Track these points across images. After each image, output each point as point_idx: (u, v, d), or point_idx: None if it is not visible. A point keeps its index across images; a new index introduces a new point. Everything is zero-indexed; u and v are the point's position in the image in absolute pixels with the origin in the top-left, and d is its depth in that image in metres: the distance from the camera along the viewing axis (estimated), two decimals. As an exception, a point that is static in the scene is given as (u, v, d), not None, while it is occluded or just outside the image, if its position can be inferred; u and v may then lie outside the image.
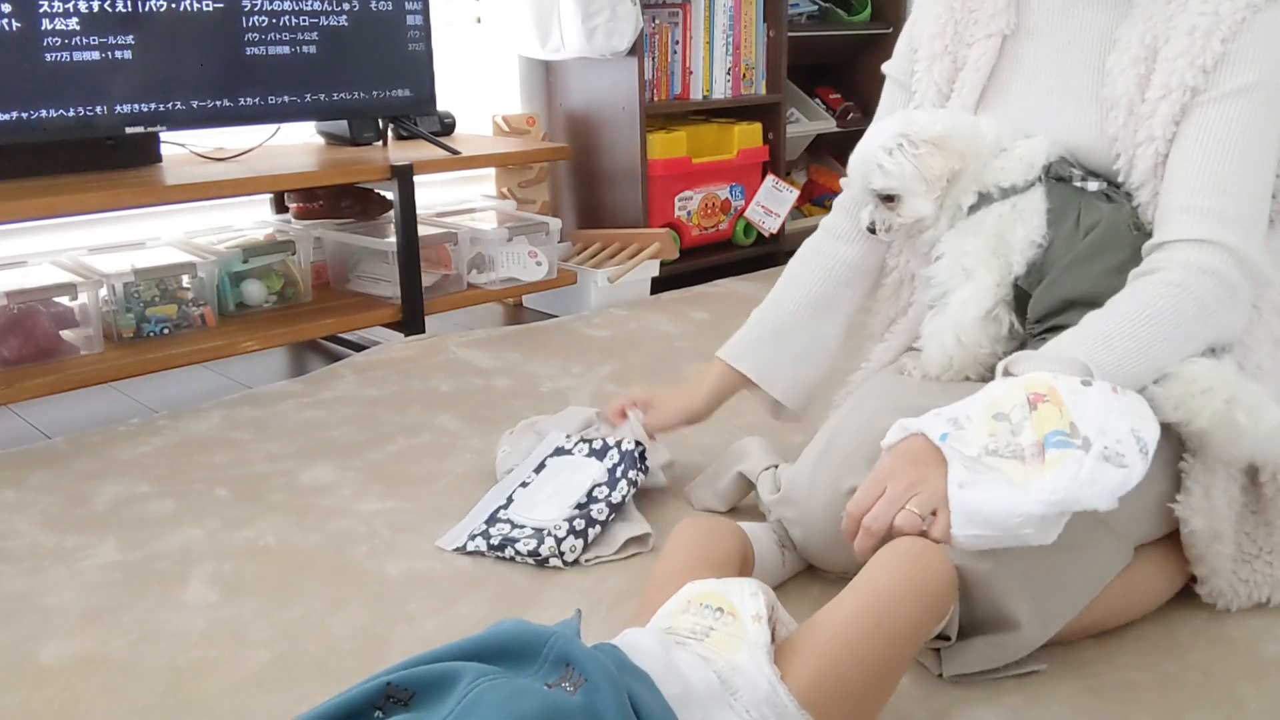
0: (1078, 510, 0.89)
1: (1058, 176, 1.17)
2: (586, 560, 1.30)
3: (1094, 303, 1.08)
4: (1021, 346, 1.21)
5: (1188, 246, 1.06)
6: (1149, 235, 1.12)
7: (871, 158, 1.21)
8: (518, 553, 1.29)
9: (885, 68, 1.40)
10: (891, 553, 0.93)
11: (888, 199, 1.22)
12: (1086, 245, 1.13)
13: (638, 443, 1.43)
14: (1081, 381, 0.94)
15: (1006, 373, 1.02)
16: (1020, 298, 1.18)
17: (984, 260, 1.18)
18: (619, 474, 1.39)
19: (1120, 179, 1.15)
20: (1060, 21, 1.22)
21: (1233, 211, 1.06)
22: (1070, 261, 1.13)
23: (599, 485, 1.38)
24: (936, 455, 0.94)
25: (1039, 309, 1.15)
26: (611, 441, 1.44)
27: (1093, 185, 1.16)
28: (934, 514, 0.93)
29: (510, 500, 1.39)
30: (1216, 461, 1.07)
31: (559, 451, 1.48)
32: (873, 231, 1.25)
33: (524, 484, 1.42)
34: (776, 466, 1.31)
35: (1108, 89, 1.15)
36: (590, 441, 1.46)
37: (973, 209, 1.19)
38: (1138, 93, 1.12)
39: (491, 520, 1.36)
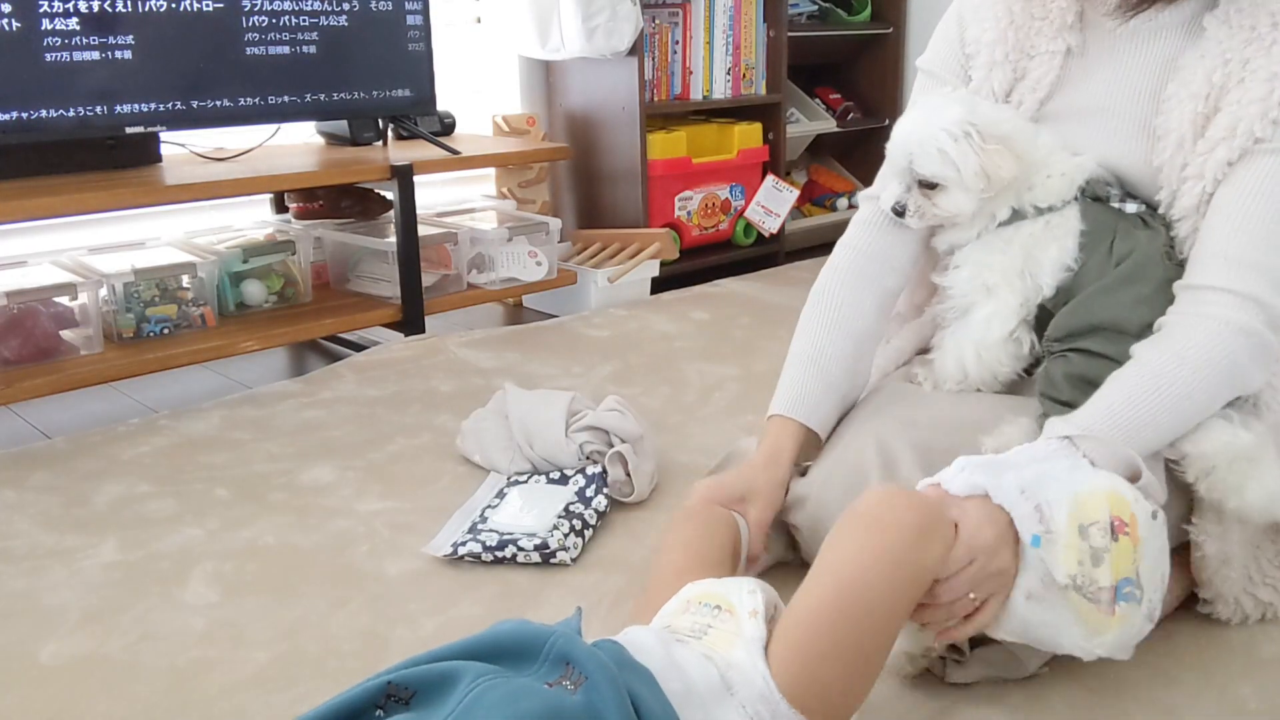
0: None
1: (1094, 196, 1.14)
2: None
3: (1119, 329, 1.08)
4: (1038, 364, 1.20)
5: (1225, 298, 1.04)
6: (1181, 265, 1.10)
7: (931, 139, 1.12)
8: (520, 549, 1.28)
9: (920, 63, 1.33)
10: (850, 519, 0.86)
11: (928, 185, 1.15)
12: (1117, 274, 1.10)
13: (602, 470, 1.45)
14: (1153, 514, 0.93)
15: (1066, 438, 0.98)
16: (1040, 315, 1.16)
17: (1009, 279, 1.15)
18: (590, 493, 1.41)
19: (1161, 209, 1.13)
20: (1126, 44, 1.17)
21: (1276, 267, 1.04)
22: (1100, 288, 1.11)
23: (573, 504, 1.39)
24: (1014, 543, 0.90)
25: (1062, 329, 1.13)
26: (570, 473, 1.47)
27: (1131, 207, 1.13)
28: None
29: (484, 517, 1.39)
30: None
31: (515, 482, 1.49)
32: (898, 214, 1.18)
33: (491, 506, 1.42)
34: None
35: (1161, 117, 1.12)
36: (546, 474, 1.48)
37: (1003, 224, 1.16)
38: (1189, 127, 1.09)
39: (473, 530, 1.36)
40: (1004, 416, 1.15)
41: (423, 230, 2.25)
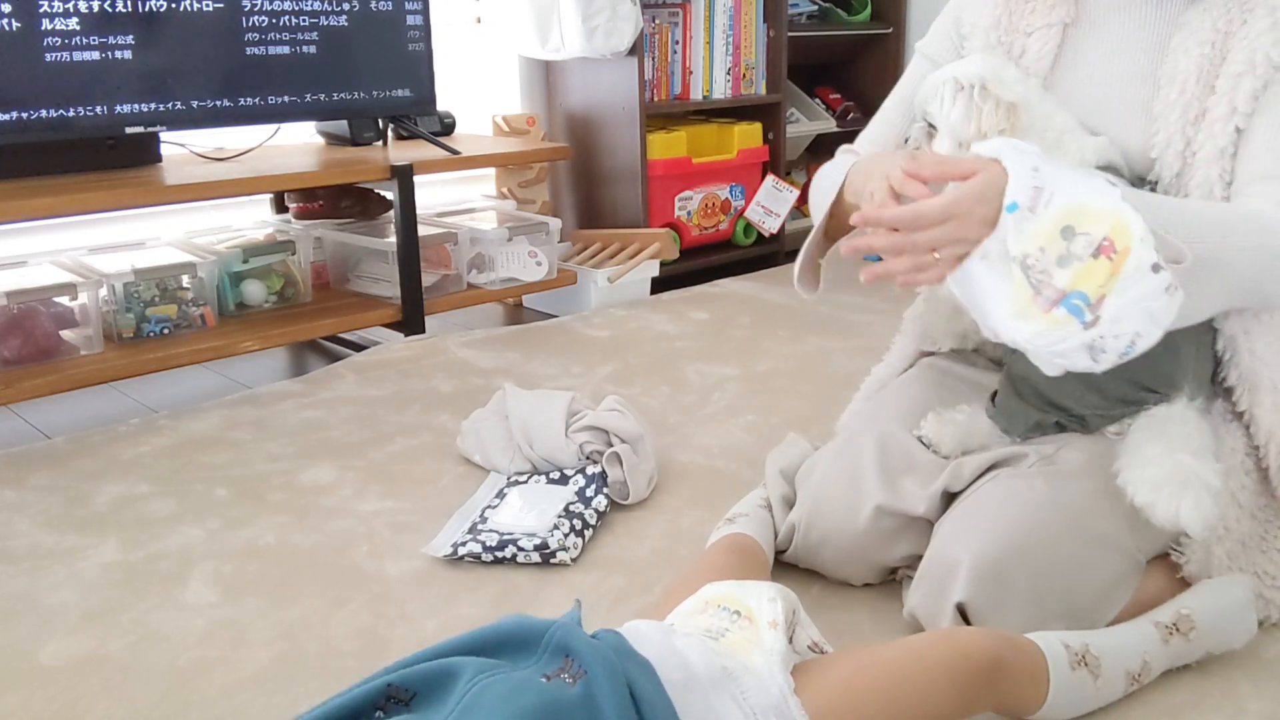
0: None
1: None
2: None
3: None
4: None
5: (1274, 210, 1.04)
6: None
7: (942, 83, 1.17)
8: (520, 549, 1.29)
9: (920, 45, 1.35)
10: (940, 634, 0.97)
11: (933, 127, 1.18)
12: None
13: (602, 470, 1.45)
14: (1153, 266, 0.89)
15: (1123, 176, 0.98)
16: None
17: None
18: (590, 493, 1.41)
19: (1154, 181, 1.14)
20: (1118, 16, 1.18)
21: None
22: None
23: (573, 504, 1.39)
24: (997, 205, 0.93)
25: None
26: (570, 473, 1.47)
27: None
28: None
29: (484, 518, 1.39)
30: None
31: (515, 482, 1.49)
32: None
33: (491, 506, 1.42)
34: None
35: (1166, 67, 1.12)
36: (546, 474, 1.49)
37: None
38: (1195, 71, 1.10)
39: (474, 530, 1.36)
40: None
41: (423, 230, 2.25)
